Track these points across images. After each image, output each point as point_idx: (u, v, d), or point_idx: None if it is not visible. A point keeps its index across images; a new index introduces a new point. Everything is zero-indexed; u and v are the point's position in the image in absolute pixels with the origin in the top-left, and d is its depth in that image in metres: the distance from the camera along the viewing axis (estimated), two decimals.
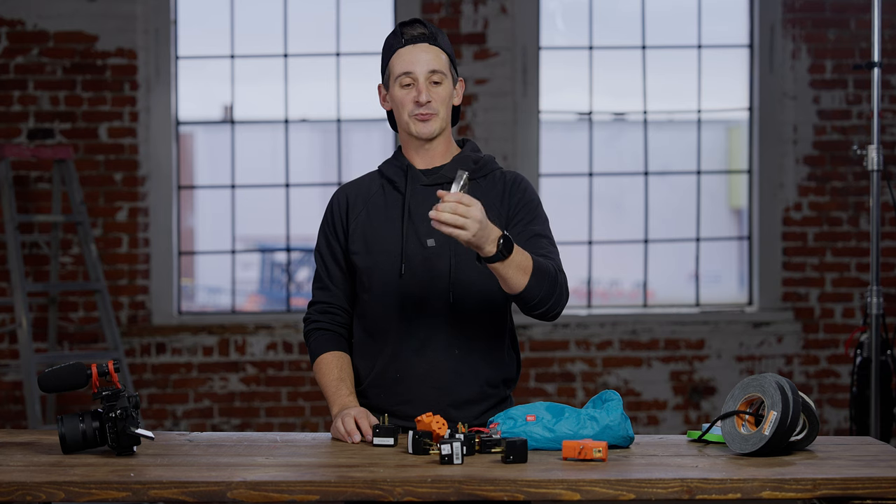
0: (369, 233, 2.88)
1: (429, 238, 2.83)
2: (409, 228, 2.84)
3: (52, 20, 5.98)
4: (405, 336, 2.83)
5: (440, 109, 2.85)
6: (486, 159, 2.93)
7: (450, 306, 2.82)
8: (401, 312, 2.83)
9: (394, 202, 2.89)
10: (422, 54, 2.84)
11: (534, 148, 6.10)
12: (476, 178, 2.89)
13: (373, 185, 2.94)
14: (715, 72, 6.27)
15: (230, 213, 6.23)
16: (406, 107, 2.85)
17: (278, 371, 6.07)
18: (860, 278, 6.15)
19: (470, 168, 2.88)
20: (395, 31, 2.89)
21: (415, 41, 2.85)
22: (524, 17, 6.07)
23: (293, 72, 6.19)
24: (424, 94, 2.83)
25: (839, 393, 6.14)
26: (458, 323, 2.82)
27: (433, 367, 2.82)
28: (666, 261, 6.36)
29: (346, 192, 2.96)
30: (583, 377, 6.11)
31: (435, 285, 2.82)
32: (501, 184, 2.90)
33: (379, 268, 2.85)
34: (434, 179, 2.88)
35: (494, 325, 2.88)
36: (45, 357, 5.63)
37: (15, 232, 5.55)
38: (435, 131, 2.86)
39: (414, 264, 2.83)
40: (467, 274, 2.82)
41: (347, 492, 2.29)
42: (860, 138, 6.06)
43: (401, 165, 2.91)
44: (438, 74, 2.84)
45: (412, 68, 2.83)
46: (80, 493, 2.29)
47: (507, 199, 2.88)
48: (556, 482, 2.29)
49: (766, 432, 2.49)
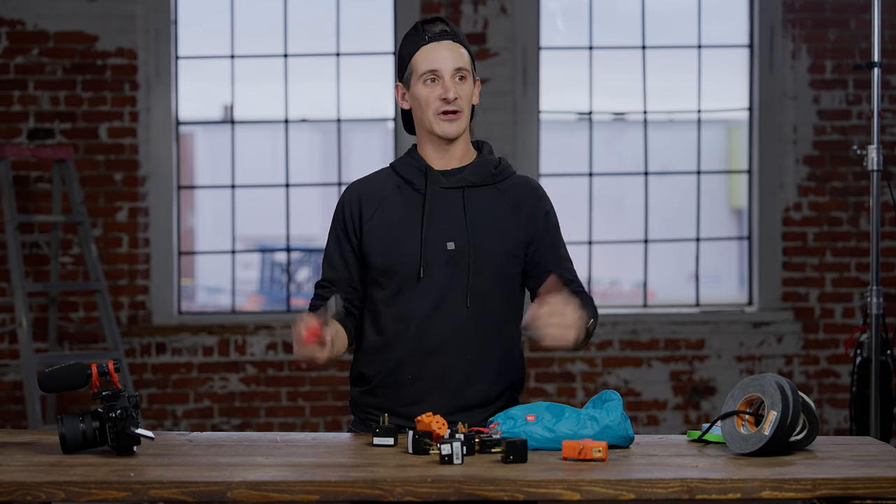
0: (386, 233, 2.84)
1: (449, 241, 2.81)
2: (428, 231, 2.81)
3: (52, 20, 5.98)
4: (419, 338, 2.81)
5: (465, 108, 2.83)
6: (504, 164, 2.91)
7: (466, 310, 2.80)
8: (417, 315, 2.81)
9: (412, 203, 2.85)
10: (447, 51, 2.82)
11: (534, 148, 6.10)
12: (495, 183, 2.87)
13: (387, 184, 2.89)
14: (715, 72, 6.27)
15: (230, 213, 6.23)
16: (431, 104, 2.82)
17: (278, 371, 6.07)
18: (860, 278, 6.15)
19: (490, 172, 2.87)
20: (417, 29, 2.86)
21: (439, 38, 2.83)
22: (524, 17, 6.07)
23: (293, 72, 6.19)
24: (452, 90, 2.80)
25: (839, 393, 6.14)
26: (473, 327, 2.81)
27: (446, 370, 2.81)
28: (666, 261, 6.36)
29: (358, 190, 2.91)
30: (583, 377, 6.11)
31: (452, 289, 2.80)
32: (524, 189, 2.89)
33: (397, 269, 2.82)
34: (455, 182, 2.85)
35: (508, 329, 2.87)
36: (45, 357, 5.63)
37: (15, 232, 5.55)
38: (461, 130, 2.83)
39: (433, 267, 2.80)
40: (485, 278, 2.81)
41: (347, 492, 2.29)
42: (860, 138, 6.06)
43: (419, 166, 2.87)
44: (463, 71, 2.83)
45: (438, 65, 2.81)
46: (80, 493, 2.29)
47: (532, 208, 2.87)
48: (556, 482, 2.29)
49: (766, 432, 2.49)
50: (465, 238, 2.80)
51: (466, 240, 2.80)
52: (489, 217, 2.83)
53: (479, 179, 2.85)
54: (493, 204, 2.85)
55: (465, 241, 2.79)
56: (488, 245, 2.81)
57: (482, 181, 2.86)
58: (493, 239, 2.82)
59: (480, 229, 2.82)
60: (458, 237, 2.80)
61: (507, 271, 2.85)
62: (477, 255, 2.80)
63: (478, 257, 2.80)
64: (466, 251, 2.80)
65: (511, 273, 2.86)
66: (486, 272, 2.81)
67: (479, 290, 2.81)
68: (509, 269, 2.85)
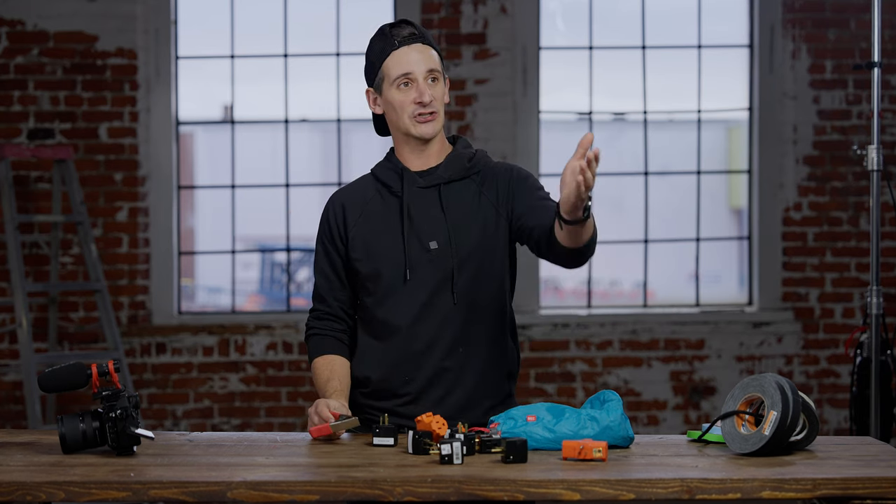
0: (370, 239, 2.87)
1: (431, 241, 2.83)
2: (409, 232, 2.84)
3: (52, 20, 5.98)
4: (411, 339, 2.83)
5: (439, 108, 2.86)
6: (479, 155, 2.92)
7: (454, 306, 2.82)
8: (406, 316, 2.83)
9: (392, 206, 2.88)
10: (417, 54, 2.84)
11: (534, 148, 6.09)
12: (471, 175, 2.88)
13: (367, 189, 2.93)
14: (715, 72, 6.27)
15: (230, 213, 6.23)
16: (406, 108, 2.84)
17: (278, 371, 6.07)
18: (860, 278, 6.15)
19: (465, 166, 2.88)
20: (385, 33, 2.87)
21: (409, 41, 2.84)
22: (524, 17, 6.07)
23: (293, 72, 6.19)
24: (427, 93, 2.82)
25: (839, 393, 6.14)
26: (462, 322, 2.83)
27: (440, 368, 2.83)
28: (666, 261, 6.36)
29: (340, 199, 2.94)
30: (583, 377, 6.11)
31: (439, 287, 2.83)
32: (501, 174, 2.89)
33: (383, 274, 2.85)
34: (430, 181, 2.87)
35: (497, 320, 2.88)
36: (45, 357, 5.63)
37: (15, 232, 5.55)
38: (438, 130, 2.87)
39: (418, 268, 2.83)
40: (470, 273, 2.83)
41: (347, 492, 2.29)
42: (860, 138, 6.06)
43: (395, 168, 2.90)
44: (435, 73, 2.85)
45: (411, 69, 2.83)
46: (80, 493, 2.29)
47: (508, 185, 2.87)
48: (556, 482, 2.29)
49: (766, 432, 2.49)
50: (446, 235, 2.81)
51: (448, 237, 2.80)
52: (468, 211, 2.85)
53: (454, 174, 2.87)
54: (471, 197, 2.87)
55: (447, 238, 2.80)
56: (470, 239, 2.83)
57: (458, 175, 2.87)
58: (474, 232, 2.84)
59: (461, 224, 2.84)
60: (440, 235, 2.82)
61: (493, 262, 2.86)
62: (459, 250, 2.82)
63: (460, 253, 2.82)
64: (449, 248, 2.82)
65: (496, 263, 2.86)
66: (470, 266, 2.82)
67: (465, 285, 2.82)
68: (494, 259, 2.86)
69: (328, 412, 2.70)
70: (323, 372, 2.89)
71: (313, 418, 2.72)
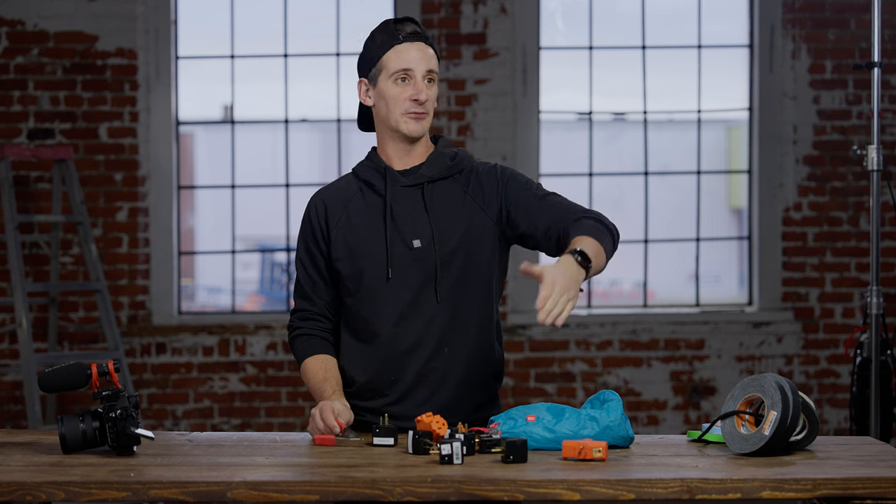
0: (352, 238, 2.87)
1: (414, 239, 2.83)
2: (392, 231, 2.84)
3: (52, 20, 5.99)
4: (396, 338, 2.83)
5: (431, 110, 2.87)
6: (462, 155, 2.92)
7: (438, 305, 2.82)
8: (390, 316, 2.83)
9: (374, 205, 2.87)
10: (419, 52, 2.85)
11: (534, 148, 6.10)
12: (453, 175, 2.88)
13: (350, 188, 2.93)
14: (715, 72, 6.27)
15: (230, 213, 6.23)
16: (400, 104, 2.84)
17: (278, 371, 6.07)
18: (860, 278, 6.15)
19: (447, 165, 2.87)
20: (388, 28, 2.87)
21: (412, 39, 2.85)
22: (524, 17, 6.07)
23: (293, 72, 6.19)
24: (424, 92, 2.83)
25: (839, 393, 6.14)
26: (446, 321, 2.82)
27: (425, 367, 2.83)
28: (666, 261, 6.36)
29: (322, 197, 2.94)
30: (583, 377, 6.11)
31: (423, 286, 2.82)
32: (484, 174, 2.88)
33: (365, 273, 2.84)
34: (413, 180, 2.87)
35: (484, 321, 2.88)
36: (45, 357, 5.63)
37: (15, 232, 5.55)
38: (425, 130, 2.87)
39: (401, 267, 2.82)
40: (455, 272, 2.83)
41: (347, 492, 2.29)
42: (860, 138, 6.06)
43: (377, 167, 2.90)
44: (433, 74, 2.86)
45: (412, 65, 2.83)
46: (80, 493, 2.29)
47: (493, 184, 2.87)
48: (556, 482, 2.29)
49: (766, 432, 2.49)
50: (429, 234, 2.81)
51: (431, 236, 2.80)
52: (451, 209, 2.85)
53: (436, 173, 2.87)
54: (454, 196, 2.87)
55: (430, 237, 2.80)
56: (454, 238, 2.83)
57: (440, 174, 2.87)
58: (457, 231, 2.83)
59: (444, 223, 2.83)
60: (423, 234, 2.82)
61: (479, 263, 2.85)
62: (443, 249, 2.81)
63: (444, 252, 2.82)
64: (432, 247, 2.81)
65: (483, 264, 2.86)
66: (453, 265, 2.82)
67: (448, 283, 2.82)
68: (481, 260, 2.85)
69: (334, 420, 2.69)
70: (317, 372, 2.88)
71: (318, 423, 2.71)
